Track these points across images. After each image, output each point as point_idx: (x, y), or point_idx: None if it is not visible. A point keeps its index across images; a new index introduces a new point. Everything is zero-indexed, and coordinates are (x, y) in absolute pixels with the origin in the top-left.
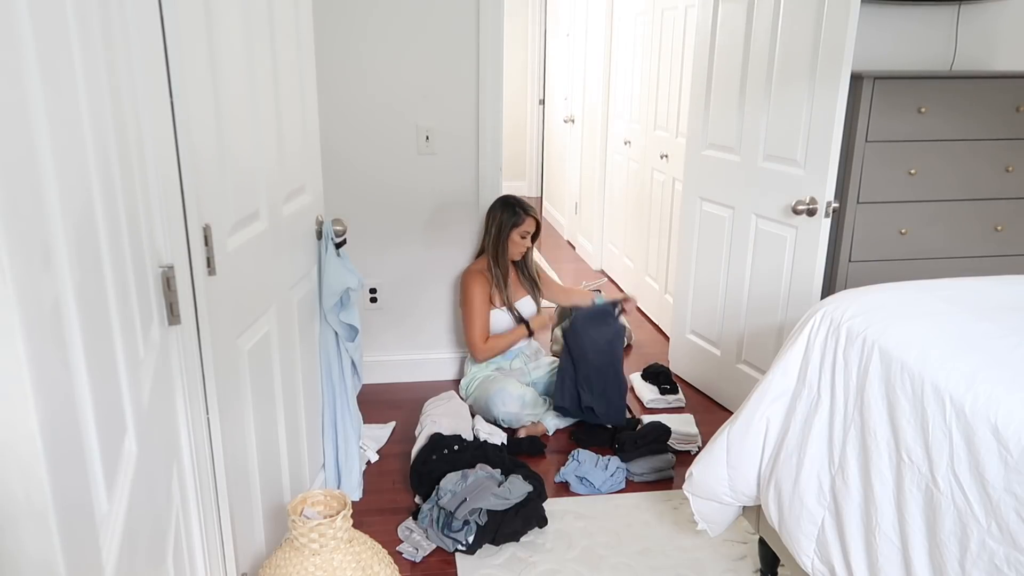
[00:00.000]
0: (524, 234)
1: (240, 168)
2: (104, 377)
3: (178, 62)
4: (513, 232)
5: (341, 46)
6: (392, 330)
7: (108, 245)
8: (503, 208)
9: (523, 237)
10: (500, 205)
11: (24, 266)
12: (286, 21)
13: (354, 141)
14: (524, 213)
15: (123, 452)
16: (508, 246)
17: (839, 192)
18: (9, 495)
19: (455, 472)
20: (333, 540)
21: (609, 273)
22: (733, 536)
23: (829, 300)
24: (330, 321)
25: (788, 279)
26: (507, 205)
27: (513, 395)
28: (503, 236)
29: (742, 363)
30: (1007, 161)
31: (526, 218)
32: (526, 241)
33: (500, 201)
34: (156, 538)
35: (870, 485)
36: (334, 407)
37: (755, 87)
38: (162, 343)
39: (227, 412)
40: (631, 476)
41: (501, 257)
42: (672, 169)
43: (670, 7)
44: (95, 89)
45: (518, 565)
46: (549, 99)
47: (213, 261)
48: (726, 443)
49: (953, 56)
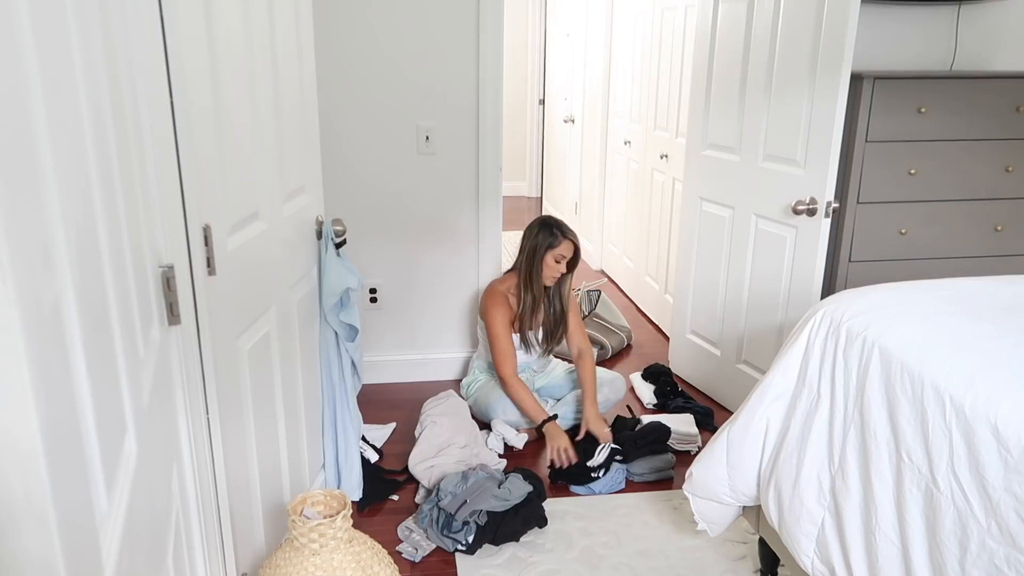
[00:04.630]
0: (559, 258)
1: (240, 168)
2: (104, 377)
3: (178, 62)
4: (548, 254)
5: (341, 46)
6: (392, 330)
7: (108, 245)
8: (540, 228)
9: (557, 261)
10: (539, 225)
11: (24, 266)
12: (286, 21)
13: (354, 141)
14: (562, 235)
15: (123, 452)
16: (542, 268)
17: (839, 192)
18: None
19: (455, 473)
20: (333, 540)
21: (609, 273)
22: (733, 536)
23: (829, 300)
24: (330, 321)
25: (788, 279)
26: (545, 225)
27: (513, 404)
28: (537, 257)
29: (742, 363)
30: (1007, 161)
31: (563, 241)
32: (560, 266)
33: (539, 221)
34: (156, 538)
35: (870, 485)
36: (334, 407)
37: (755, 87)
38: (162, 343)
39: (227, 412)
40: (631, 476)
41: (535, 280)
42: (672, 169)
43: (670, 7)
44: (95, 89)
45: (518, 565)
46: (549, 99)
47: (213, 261)
48: (726, 443)
49: (953, 56)
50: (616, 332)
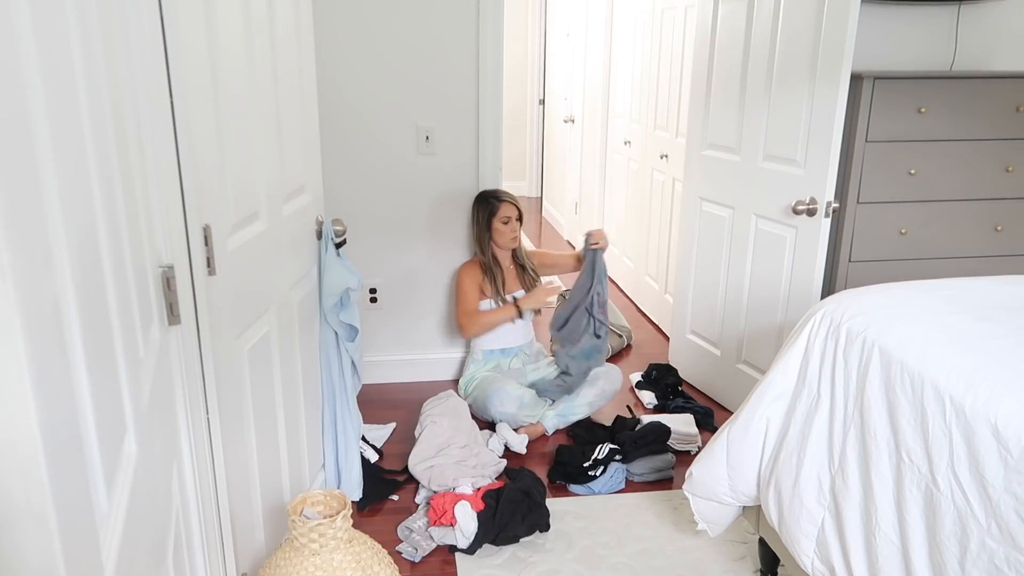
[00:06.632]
0: (505, 219)
1: (240, 168)
2: (104, 377)
3: (178, 62)
4: (494, 221)
5: (341, 46)
6: (392, 330)
7: (108, 245)
8: (478, 203)
9: (505, 223)
10: (476, 201)
11: (24, 266)
12: (286, 21)
13: (354, 141)
14: (497, 200)
15: (123, 452)
16: (495, 236)
17: (839, 192)
18: (9, 495)
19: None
20: (333, 540)
21: (609, 273)
22: (733, 536)
23: (829, 300)
24: (330, 321)
25: (788, 279)
26: (481, 199)
27: (511, 395)
28: (484, 228)
29: (742, 363)
30: (1007, 161)
31: (500, 204)
32: (511, 226)
33: (477, 196)
34: (156, 538)
35: (870, 485)
36: (334, 407)
37: (755, 87)
38: (162, 343)
39: (227, 412)
40: (631, 476)
41: (487, 248)
42: (672, 169)
43: (670, 7)
44: (95, 89)
45: (518, 565)
46: (549, 99)
47: (213, 261)
48: (726, 443)
49: (953, 56)
50: (616, 332)
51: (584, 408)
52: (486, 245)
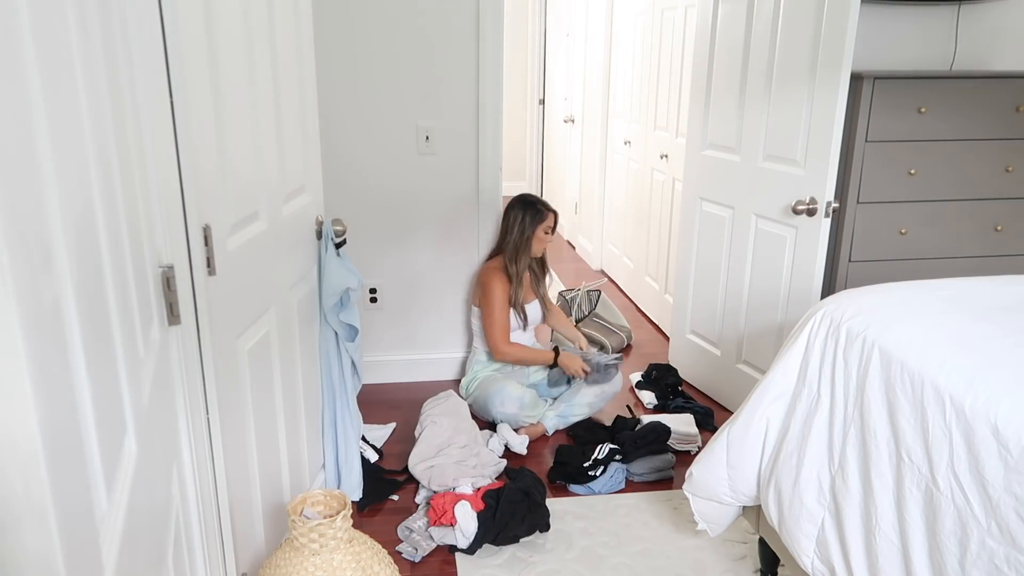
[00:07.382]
0: (548, 230)
1: (240, 168)
2: (104, 377)
3: (178, 62)
4: (538, 229)
5: (341, 46)
6: (392, 330)
7: (108, 245)
8: (524, 208)
9: (547, 232)
10: (521, 205)
11: (24, 266)
12: (286, 21)
13: (354, 141)
14: (546, 210)
15: (123, 452)
16: (532, 244)
17: (839, 192)
18: (9, 495)
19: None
20: (333, 540)
21: (609, 273)
22: (733, 536)
23: (829, 300)
24: (330, 321)
25: (788, 279)
26: (528, 204)
27: (512, 396)
28: (526, 235)
29: (742, 363)
30: (1007, 161)
31: (548, 214)
32: (549, 236)
33: (520, 201)
34: (156, 538)
35: (870, 485)
36: (334, 407)
37: (755, 87)
38: (162, 343)
39: (227, 412)
40: (631, 476)
41: (523, 256)
42: (672, 169)
43: (670, 7)
44: (95, 89)
45: (518, 565)
46: (549, 99)
47: (213, 261)
48: (726, 443)
49: (953, 56)
50: (616, 332)
51: (584, 408)
52: (523, 251)
